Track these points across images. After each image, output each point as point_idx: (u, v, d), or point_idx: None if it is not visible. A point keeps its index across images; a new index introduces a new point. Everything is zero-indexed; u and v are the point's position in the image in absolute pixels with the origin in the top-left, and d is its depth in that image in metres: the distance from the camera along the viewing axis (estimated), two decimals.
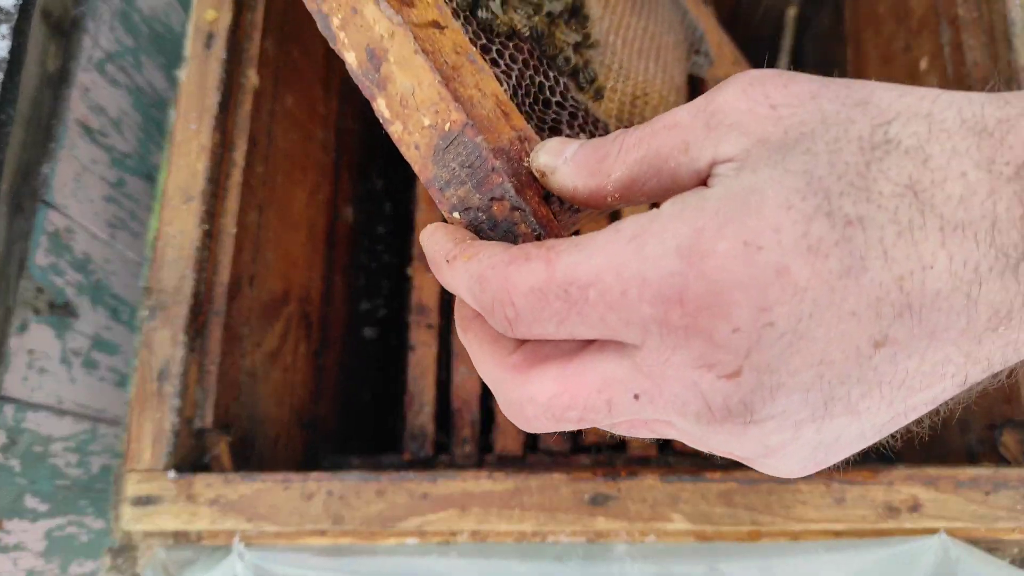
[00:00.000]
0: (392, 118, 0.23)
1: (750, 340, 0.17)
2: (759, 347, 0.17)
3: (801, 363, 0.17)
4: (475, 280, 0.20)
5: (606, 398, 0.19)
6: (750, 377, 0.17)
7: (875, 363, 0.18)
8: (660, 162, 0.20)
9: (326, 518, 0.39)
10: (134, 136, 0.62)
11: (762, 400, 0.18)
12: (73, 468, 0.56)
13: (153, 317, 0.43)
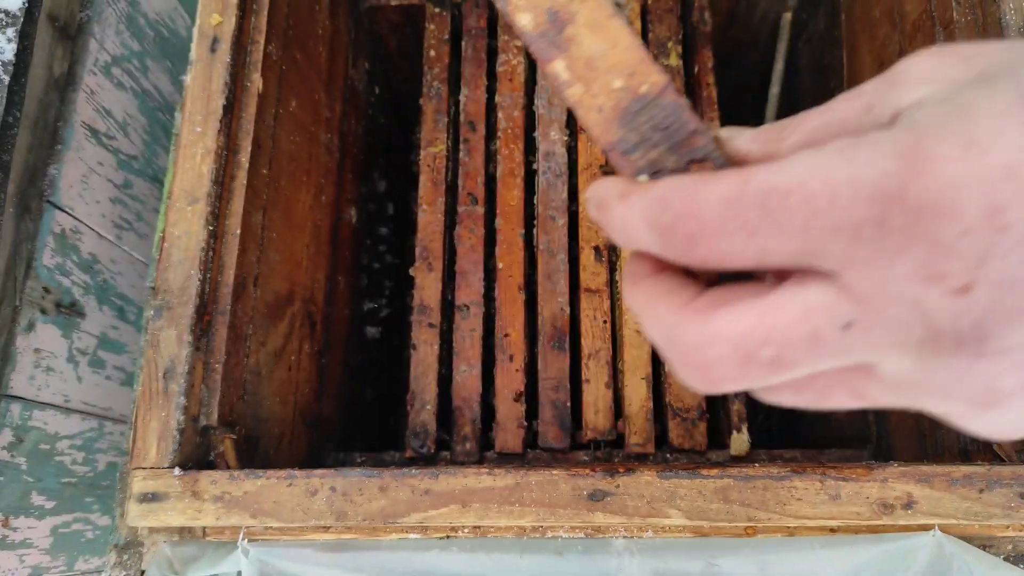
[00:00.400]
0: (572, 80, 0.23)
1: (983, 245, 0.14)
2: (994, 255, 0.14)
3: None
4: (655, 202, 0.17)
5: (810, 328, 0.16)
6: (984, 293, 0.15)
7: None
8: (839, 126, 0.18)
9: (330, 514, 0.39)
10: (140, 139, 0.63)
11: (999, 323, 0.15)
12: (79, 466, 0.57)
13: (159, 317, 0.44)
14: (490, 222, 0.67)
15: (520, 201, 0.65)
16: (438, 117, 0.69)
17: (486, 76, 0.70)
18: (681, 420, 0.59)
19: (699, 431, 0.59)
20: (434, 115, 0.69)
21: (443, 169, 0.67)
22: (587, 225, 0.64)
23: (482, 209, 0.65)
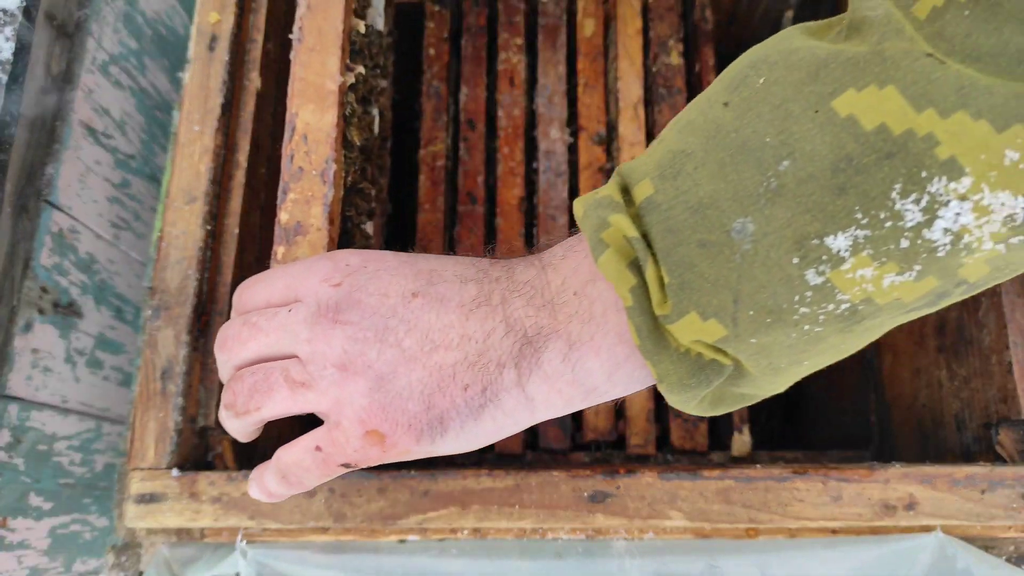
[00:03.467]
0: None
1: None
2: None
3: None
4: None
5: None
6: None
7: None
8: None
9: (328, 515, 0.39)
10: (138, 138, 0.63)
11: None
12: (77, 466, 0.56)
13: (157, 317, 0.44)
14: (490, 221, 0.66)
15: (520, 200, 0.64)
16: (437, 116, 0.69)
17: (486, 75, 0.70)
18: (682, 421, 0.58)
19: (700, 432, 0.58)
20: (433, 114, 0.69)
21: (443, 168, 0.67)
22: None
23: (482, 208, 0.65)
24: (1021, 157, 0.20)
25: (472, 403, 0.27)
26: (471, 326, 0.27)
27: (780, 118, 0.22)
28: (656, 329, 0.25)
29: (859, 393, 0.66)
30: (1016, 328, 0.44)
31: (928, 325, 0.55)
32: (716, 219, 0.23)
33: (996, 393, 0.46)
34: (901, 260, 0.22)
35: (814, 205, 0.22)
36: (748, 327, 0.23)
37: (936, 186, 0.21)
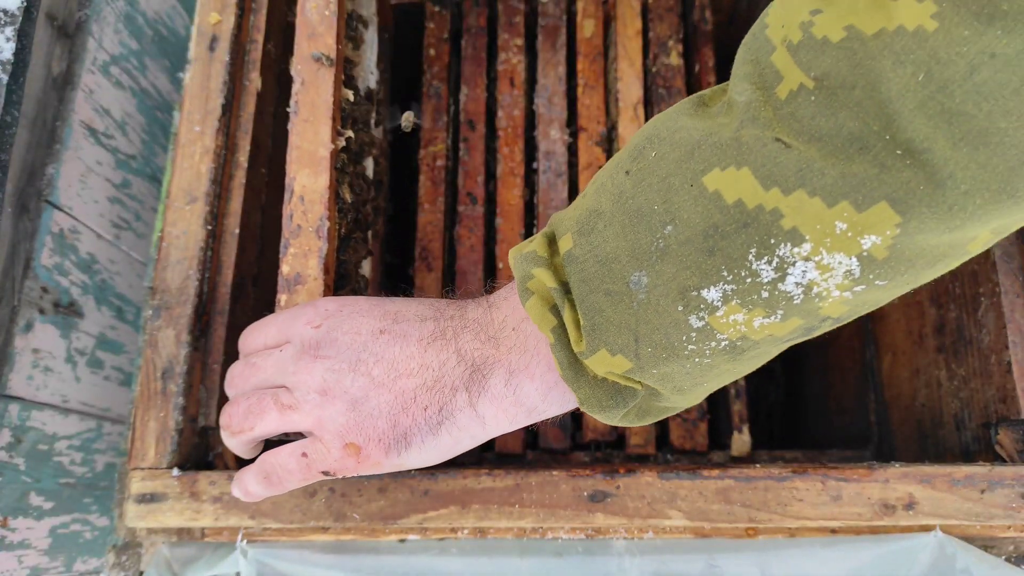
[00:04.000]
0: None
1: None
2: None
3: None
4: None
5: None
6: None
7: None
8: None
9: (328, 515, 0.39)
10: (139, 138, 0.63)
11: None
12: (78, 466, 0.56)
13: (157, 317, 0.44)
14: (490, 222, 0.67)
15: (520, 200, 0.64)
16: (437, 116, 0.69)
17: (486, 75, 0.70)
18: (682, 421, 0.59)
19: (700, 432, 0.58)
20: (433, 114, 0.69)
21: (443, 168, 0.67)
22: None
23: (482, 208, 0.65)
24: (849, 227, 0.24)
25: (431, 421, 0.32)
26: (428, 357, 0.32)
27: (664, 189, 0.27)
28: (576, 361, 0.30)
29: (858, 393, 0.66)
30: (1015, 328, 0.44)
31: (928, 325, 0.55)
32: (618, 272, 0.28)
33: (995, 393, 0.46)
34: (765, 307, 0.26)
35: (692, 263, 0.26)
36: (649, 361, 0.28)
37: (783, 250, 0.25)
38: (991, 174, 0.22)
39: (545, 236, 0.31)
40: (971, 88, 0.21)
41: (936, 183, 0.22)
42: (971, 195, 0.22)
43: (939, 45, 0.21)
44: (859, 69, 0.23)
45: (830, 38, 0.23)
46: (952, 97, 0.21)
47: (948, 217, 0.23)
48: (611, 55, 0.68)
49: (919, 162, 0.22)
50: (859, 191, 0.23)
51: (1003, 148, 0.22)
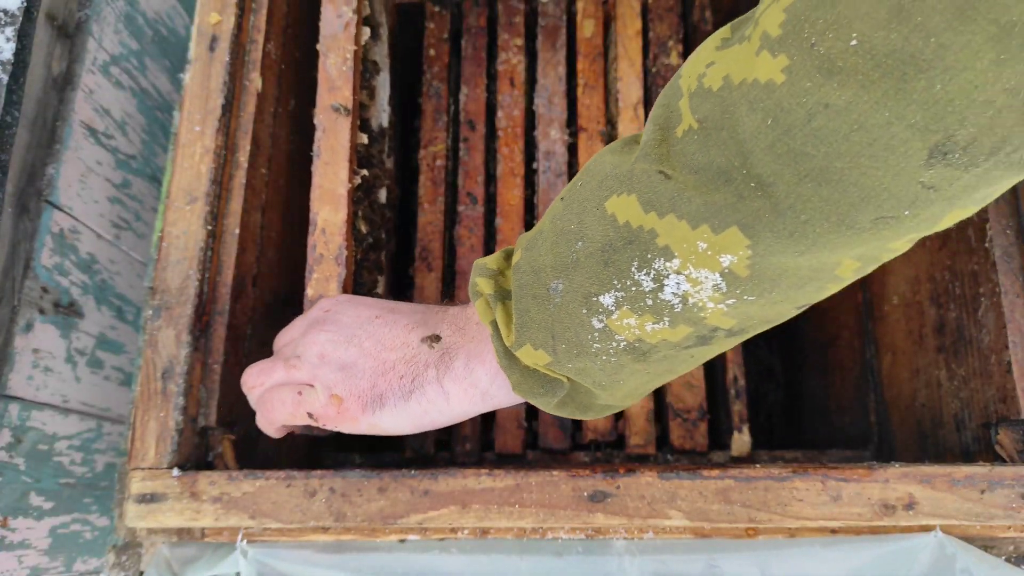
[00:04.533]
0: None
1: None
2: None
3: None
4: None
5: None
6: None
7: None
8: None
9: (328, 515, 0.39)
10: (139, 138, 0.63)
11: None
12: (78, 466, 0.56)
13: (157, 317, 0.44)
14: (490, 222, 0.67)
15: (520, 200, 0.64)
16: (437, 116, 0.69)
17: (486, 75, 0.70)
18: (682, 421, 0.59)
19: (700, 432, 0.58)
20: (433, 114, 0.69)
21: (442, 168, 0.67)
22: None
23: (482, 208, 0.65)
24: (708, 246, 0.28)
25: (404, 388, 0.38)
26: (411, 338, 0.39)
27: (580, 212, 0.32)
28: (509, 352, 0.35)
29: (858, 393, 0.66)
30: (1015, 328, 0.44)
31: (928, 325, 0.55)
32: (544, 280, 0.33)
33: (995, 393, 0.46)
34: (652, 313, 0.30)
35: (593, 274, 0.31)
36: (564, 356, 0.33)
37: (658, 264, 0.29)
38: (832, 207, 0.26)
39: (504, 251, 0.38)
40: (810, 132, 0.25)
41: (779, 212, 0.26)
42: (811, 224, 0.26)
43: (784, 96, 0.25)
44: (726, 114, 0.27)
45: (712, 87, 0.28)
46: (795, 139, 0.25)
47: (791, 243, 0.27)
48: (611, 55, 0.68)
49: (767, 194, 0.26)
50: (717, 216, 0.27)
51: (843, 185, 0.25)
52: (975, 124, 0.23)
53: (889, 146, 0.24)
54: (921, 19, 0.22)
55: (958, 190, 0.25)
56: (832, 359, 0.73)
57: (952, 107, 0.23)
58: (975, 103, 0.23)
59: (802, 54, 0.24)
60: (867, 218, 0.26)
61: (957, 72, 0.22)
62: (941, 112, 0.23)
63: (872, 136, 0.24)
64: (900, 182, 0.25)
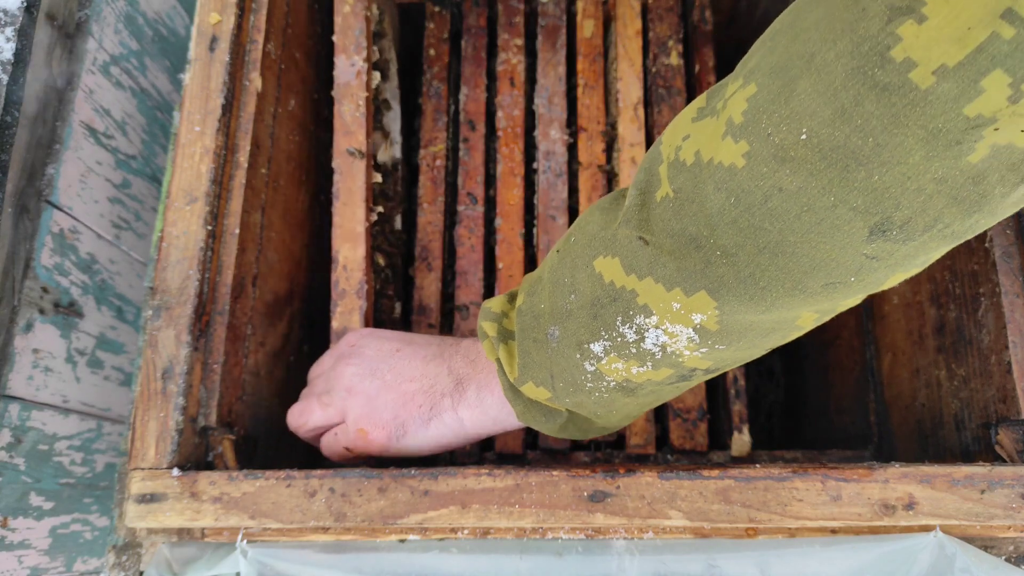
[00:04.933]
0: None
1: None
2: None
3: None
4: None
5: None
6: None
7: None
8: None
9: (328, 515, 0.39)
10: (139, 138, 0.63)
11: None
12: (78, 466, 0.56)
13: (157, 317, 0.44)
14: (490, 222, 0.67)
15: (520, 200, 0.64)
16: (437, 116, 0.69)
17: (486, 75, 0.70)
18: (682, 421, 0.59)
19: (700, 432, 0.58)
20: (433, 114, 0.69)
21: (442, 168, 0.67)
22: None
23: (482, 209, 0.65)
24: (681, 306, 0.32)
25: (423, 416, 0.43)
26: (428, 369, 0.43)
27: (573, 267, 0.36)
28: (513, 387, 0.40)
29: (858, 393, 0.66)
30: (1015, 328, 0.44)
31: (927, 325, 0.55)
32: (543, 325, 0.37)
33: (995, 393, 0.46)
34: (637, 359, 0.34)
35: (584, 324, 0.35)
36: (562, 392, 0.38)
37: (639, 320, 0.33)
38: (786, 275, 0.29)
39: (508, 294, 0.42)
40: (766, 211, 0.28)
41: (740, 279, 0.30)
42: (768, 289, 0.30)
43: (744, 179, 0.28)
44: (696, 189, 0.30)
45: (686, 161, 0.31)
46: (754, 216, 0.28)
47: (752, 304, 0.30)
48: (611, 55, 0.68)
49: (731, 262, 0.30)
50: (687, 281, 0.31)
51: (795, 257, 0.29)
52: (909, 208, 0.26)
53: (835, 225, 0.27)
54: (861, 122, 0.25)
55: (898, 259, 0.29)
56: (832, 359, 0.73)
57: (888, 194, 0.26)
58: (908, 191, 0.26)
59: (760, 142, 0.28)
60: (817, 284, 0.29)
61: (892, 166, 0.25)
62: (879, 198, 0.26)
63: (820, 216, 0.27)
64: (845, 254, 0.28)
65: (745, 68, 0.30)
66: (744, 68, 0.30)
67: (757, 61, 0.29)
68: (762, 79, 0.28)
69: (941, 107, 0.24)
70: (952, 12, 0.23)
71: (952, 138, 0.24)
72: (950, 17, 0.23)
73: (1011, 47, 0.22)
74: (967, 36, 0.23)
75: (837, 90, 0.25)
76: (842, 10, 0.25)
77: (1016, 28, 0.22)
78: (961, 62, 0.23)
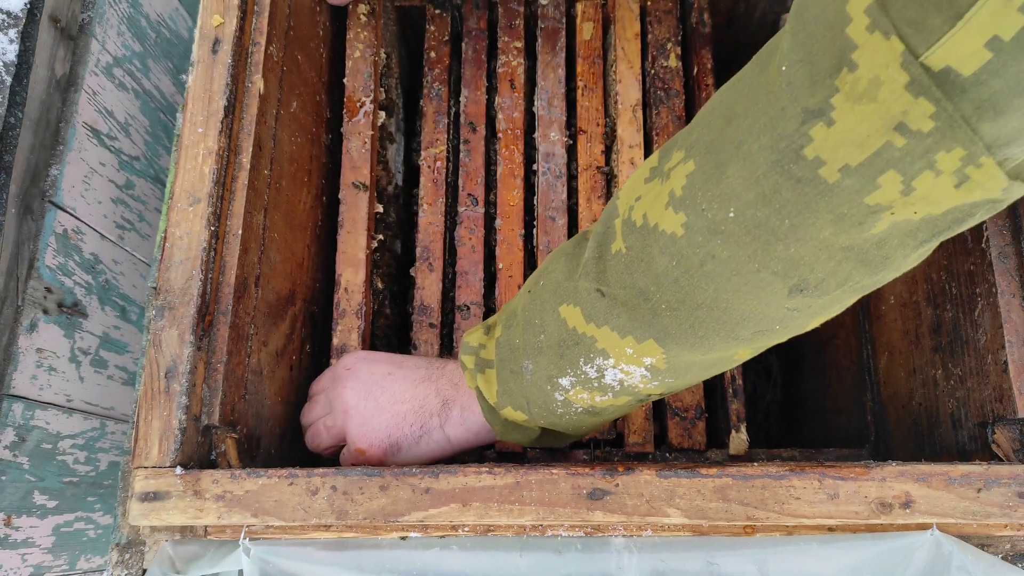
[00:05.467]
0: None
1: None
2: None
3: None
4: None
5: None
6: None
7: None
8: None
9: (330, 513, 0.39)
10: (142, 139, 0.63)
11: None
12: (81, 465, 0.57)
13: (161, 317, 0.44)
14: (490, 222, 0.67)
15: (520, 202, 0.65)
16: (438, 118, 0.69)
17: (486, 77, 0.70)
18: (680, 419, 0.59)
19: (698, 430, 0.59)
20: (434, 116, 0.69)
21: (443, 170, 0.67)
22: (587, 225, 0.64)
23: (482, 210, 0.66)
24: (634, 351, 0.37)
25: (414, 434, 0.47)
26: (417, 391, 0.47)
27: (541, 310, 0.41)
28: (491, 408, 0.45)
29: (855, 392, 0.67)
30: (1012, 328, 0.45)
31: (924, 325, 0.55)
32: (519, 358, 0.42)
33: (992, 392, 0.46)
34: (599, 390, 0.40)
35: (553, 361, 0.40)
36: (536, 416, 0.43)
37: (599, 361, 0.38)
38: (721, 325, 0.34)
39: (485, 324, 0.47)
40: (702, 274, 0.33)
41: (683, 329, 0.35)
42: (706, 338, 0.35)
43: (683, 246, 0.33)
44: (645, 250, 0.35)
45: (636, 222, 0.35)
46: (692, 278, 0.33)
47: (693, 350, 0.36)
48: (610, 57, 0.69)
49: (674, 315, 0.34)
50: (638, 331, 0.36)
51: (728, 311, 0.33)
52: (822, 271, 0.31)
53: (759, 286, 0.32)
54: (779, 206, 0.29)
55: (816, 309, 0.33)
56: (829, 358, 0.74)
57: (804, 262, 0.31)
58: (820, 259, 0.30)
59: (695, 216, 0.32)
60: (748, 332, 0.35)
61: (806, 241, 0.30)
62: (796, 265, 0.31)
63: (747, 279, 0.32)
64: (770, 308, 0.33)
65: (688, 139, 0.34)
66: (688, 139, 0.34)
67: (698, 135, 0.33)
68: (699, 158, 0.32)
69: (845, 198, 0.28)
70: (855, 121, 0.27)
71: (856, 220, 0.29)
72: (853, 124, 0.27)
73: (902, 153, 0.26)
74: (867, 142, 0.27)
75: (759, 178, 0.29)
76: (767, 105, 0.29)
77: (906, 139, 0.26)
78: (861, 163, 0.27)
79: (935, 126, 0.25)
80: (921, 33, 0.24)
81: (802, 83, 0.28)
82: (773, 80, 0.29)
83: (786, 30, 0.29)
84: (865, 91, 0.26)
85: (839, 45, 0.26)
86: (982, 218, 0.29)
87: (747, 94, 0.31)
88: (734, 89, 0.32)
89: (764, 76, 0.30)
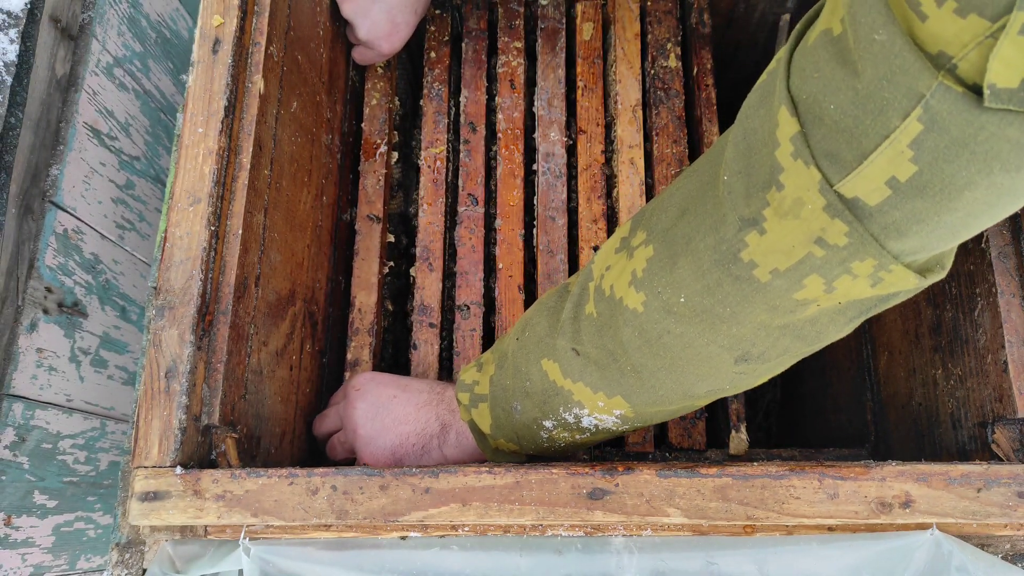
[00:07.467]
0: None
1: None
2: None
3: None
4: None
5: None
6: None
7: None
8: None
9: (330, 513, 0.39)
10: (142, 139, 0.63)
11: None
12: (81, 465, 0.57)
13: (161, 316, 0.44)
14: (490, 222, 0.67)
15: (520, 201, 0.65)
16: (438, 118, 0.69)
17: (486, 78, 0.70)
18: (680, 419, 0.59)
19: (698, 430, 0.59)
20: (434, 116, 0.69)
21: (443, 170, 0.67)
22: (586, 226, 0.64)
23: (482, 209, 0.66)
24: (605, 404, 0.43)
25: (416, 454, 0.52)
26: (420, 414, 0.52)
27: (527, 360, 0.46)
28: (483, 437, 0.50)
29: (855, 392, 0.67)
30: (1012, 328, 0.45)
31: (924, 325, 0.55)
32: (509, 399, 0.47)
33: (991, 392, 0.46)
34: (578, 431, 0.46)
35: (537, 406, 0.45)
36: (526, 447, 0.49)
37: (576, 410, 0.44)
38: (679, 385, 0.40)
39: (477, 362, 0.51)
40: (660, 345, 0.38)
41: (646, 389, 0.40)
42: (666, 396, 0.41)
43: (643, 321, 0.38)
44: (613, 318, 0.40)
45: (605, 291, 0.41)
46: (652, 347, 0.38)
47: (656, 404, 0.42)
48: (610, 58, 0.69)
49: (638, 376, 0.40)
50: (608, 388, 0.42)
51: (684, 374, 0.39)
52: (763, 344, 0.36)
53: (709, 356, 0.38)
54: (721, 296, 0.35)
55: (761, 372, 0.39)
56: (829, 359, 0.74)
57: (746, 339, 0.36)
58: (760, 336, 0.36)
59: (652, 297, 0.37)
60: (702, 391, 0.40)
61: (745, 323, 0.35)
62: (739, 341, 0.36)
63: (697, 351, 0.37)
64: (720, 372, 0.39)
65: (651, 222, 0.39)
66: (650, 222, 0.39)
67: (657, 220, 0.39)
68: (657, 245, 0.38)
69: (777, 294, 0.33)
70: (782, 233, 0.31)
71: (787, 309, 0.34)
72: (781, 236, 0.31)
73: (823, 261, 0.31)
74: (792, 251, 0.32)
75: (704, 272, 0.35)
76: (712, 208, 0.35)
77: (825, 251, 0.31)
78: (789, 268, 0.32)
79: (849, 242, 0.30)
80: (835, 165, 0.29)
81: (740, 193, 0.33)
82: (717, 185, 0.35)
83: (731, 134, 0.35)
84: (790, 209, 0.31)
85: (769, 165, 0.31)
86: (905, 298, 0.34)
87: (698, 194, 0.36)
88: (690, 180, 0.38)
89: (712, 175, 0.35)
